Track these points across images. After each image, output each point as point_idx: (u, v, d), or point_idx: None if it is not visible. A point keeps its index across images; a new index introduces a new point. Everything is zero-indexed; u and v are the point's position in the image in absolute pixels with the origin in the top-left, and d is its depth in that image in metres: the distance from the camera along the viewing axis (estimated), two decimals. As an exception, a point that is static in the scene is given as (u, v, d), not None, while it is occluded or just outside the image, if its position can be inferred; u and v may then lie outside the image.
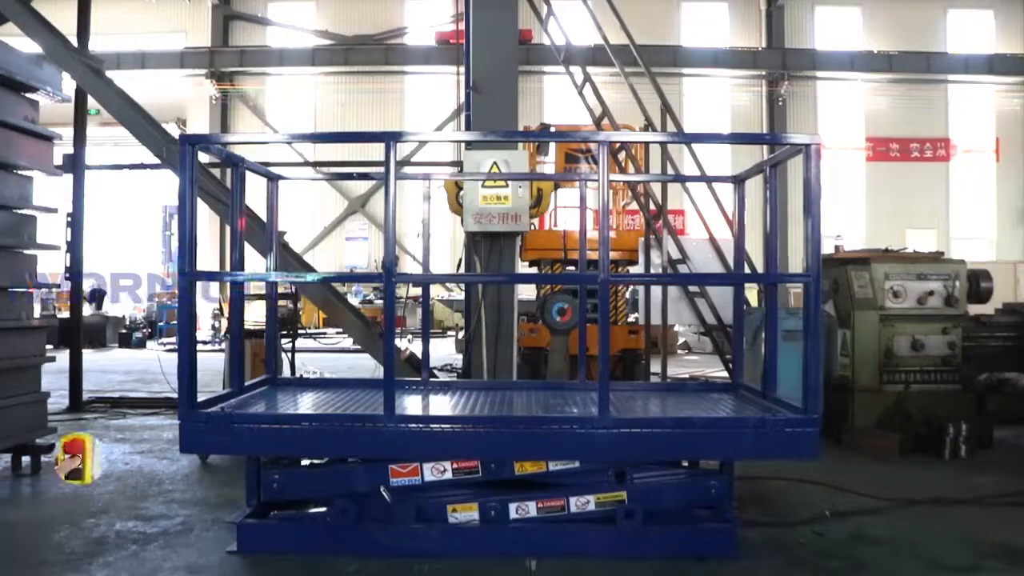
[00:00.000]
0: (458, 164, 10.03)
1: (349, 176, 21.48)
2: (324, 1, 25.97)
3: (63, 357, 8.74)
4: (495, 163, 6.86)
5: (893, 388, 7.42)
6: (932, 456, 6.75)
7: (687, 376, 10.55)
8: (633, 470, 4.17)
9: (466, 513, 4.12)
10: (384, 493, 4.08)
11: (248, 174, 4.89)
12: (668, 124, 8.51)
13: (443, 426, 4.06)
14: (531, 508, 4.11)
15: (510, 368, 7.20)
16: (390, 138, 3.97)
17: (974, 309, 8.17)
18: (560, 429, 4.01)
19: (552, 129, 10.89)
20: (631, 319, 10.95)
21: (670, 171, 8.63)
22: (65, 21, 8.28)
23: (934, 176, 25.94)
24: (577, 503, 4.11)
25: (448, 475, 4.12)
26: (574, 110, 9.85)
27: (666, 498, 4.28)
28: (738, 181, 5.18)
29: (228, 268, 5.23)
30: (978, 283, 7.91)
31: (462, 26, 8.85)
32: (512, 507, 4.12)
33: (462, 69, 8.40)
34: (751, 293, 11.08)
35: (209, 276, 5.73)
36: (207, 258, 20.66)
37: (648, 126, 8.57)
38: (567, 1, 9.30)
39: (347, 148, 21.05)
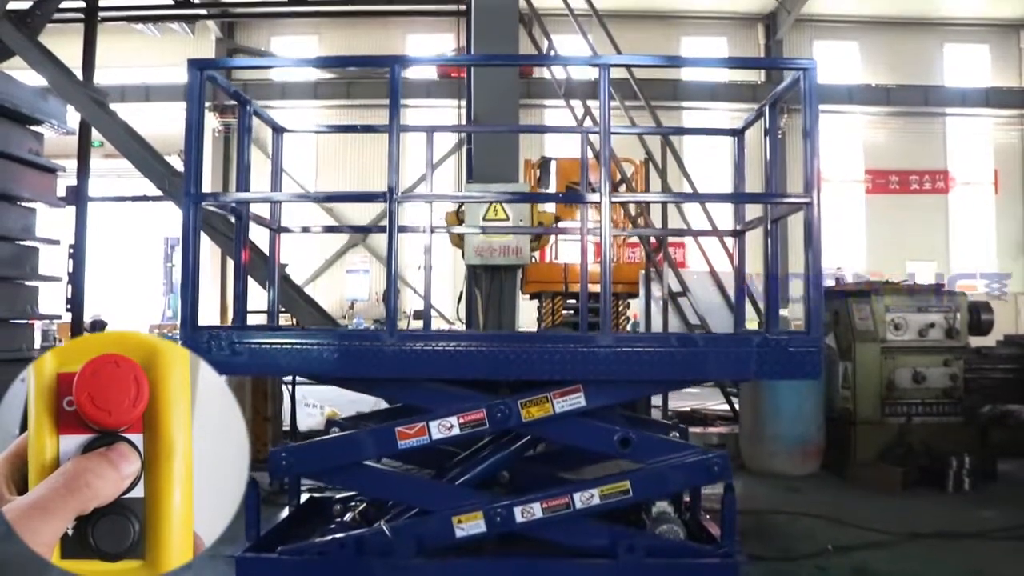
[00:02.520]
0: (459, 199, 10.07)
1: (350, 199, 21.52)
2: (326, 36, 26.23)
3: (63, 389, 8.70)
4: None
5: (895, 420, 7.39)
6: (936, 489, 6.71)
7: (688, 409, 10.52)
8: (635, 449, 4.10)
9: (472, 523, 4.05)
10: (384, 527, 4.05)
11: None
12: (668, 158, 8.57)
13: (445, 344, 4.02)
14: (536, 510, 4.03)
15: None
16: (394, 62, 4.02)
17: (975, 341, 8.17)
18: (563, 347, 3.97)
19: (552, 162, 10.96)
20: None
21: (672, 213, 8.66)
22: (71, 54, 8.37)
23: (933, 208, 26.02)
24: (582, 498, 4.01)
25: (455, 431, 4.03)
26: (574, 143, 9.92)
27: (670, 482, 4.17)
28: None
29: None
30: (979, 315, 7.90)
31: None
32: (517, 511, 4.04)
33: (463, 103, 8.48)
34: (752, 326, 11.07)
35: (215, 197, 5.68)
36: (209, 294, 20.62)
37: (648, 160, 8.63)
38: (568, 35, 9.41)
39: (347, 179, 21.15)
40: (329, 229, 6.77)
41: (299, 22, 26.61)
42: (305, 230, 5.85)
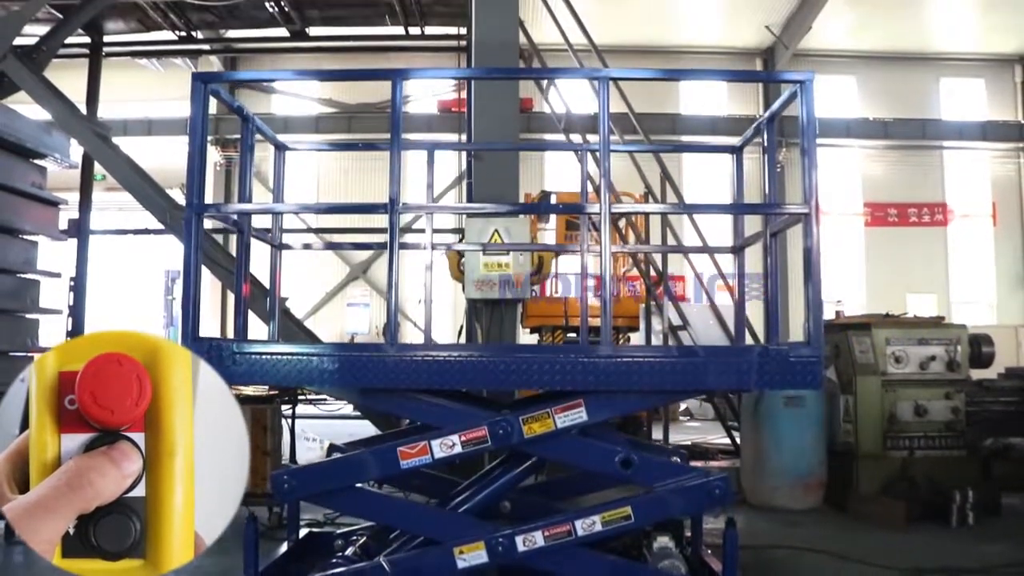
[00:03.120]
0: (460, 232, 10.12)
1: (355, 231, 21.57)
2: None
3: (61, 422, 8.68)
4: (496, 231, 6.92)
5: (897, 454, 7.36)
6: (939, 523, 6.66)
7: (689, 443, 10.46)
8: (636, 471, 4.06)
9: (474, 553, 4.01)
10: (384, 564, 4.02)
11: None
12: (668, 192, 8.61)
13: (446, 355, 4.01)
14: (538, 538, 3.98)
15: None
16: (396, 75, 4.07)
17: (976, 374, 8.15)
18: (563, 357, 3.95)
19: (553, 196, 11.02)
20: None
21: (671, 239, 8.69)
22: (75, 88, 8.45)
23: (933, 241, 26.07)
24: (583, 525, 3.97)
25: (457, 449, 4.00)
26: (574, 177, 9.98)
27: (672, 506, 4.12)
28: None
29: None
30: (979, 348, 7.90)
31: (464, 95, 9.02)
32: (519, 539, 3.99)
33: (463, 137, 8.54)
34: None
35: (217, 208, 5.69)
36: (209, 324, 20.58)
37: (648, 194, 8.68)
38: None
39: (349, 216, 21.17)
40: (330, 246, 6.86)
41: (300, 57, 26.82)
42: (306, 247, 5.88)
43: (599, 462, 4.12)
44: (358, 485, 4.23)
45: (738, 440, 8.55)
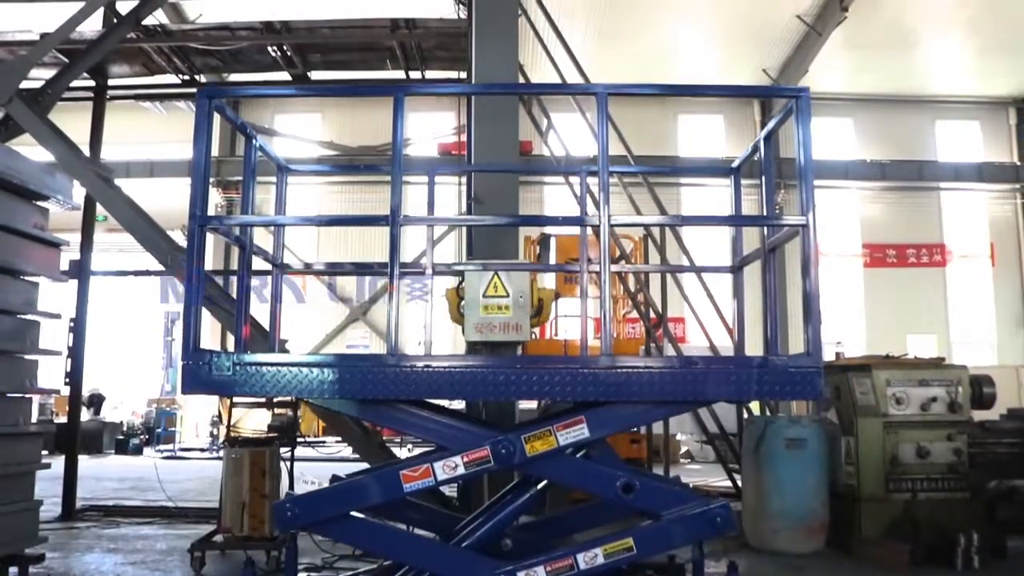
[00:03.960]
0: (459, 274, 10.16)
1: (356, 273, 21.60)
2: (329, 113, 26.75)
3: (58, 463, 8.65)
4: (496, 273, 6.93)
5: (900, 496, 7.30)
6: (944, 567, 6.59)
7: (690, 485, 10.37)
8: (638, 496, 4.03)
9: None
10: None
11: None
12: (668, 236, 8.65)
13: (445, 365, 4.00)
14: (540, 573, 3.92)
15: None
16: (399, 91, 4.19)
17: (978, 415, 8.11)
18: (563, 368, 3.96)
19: (552, 240, 11.06)
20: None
21: (671, 286, 8.71)
22: (79, 130, 8.52)
23: (932, 281, 26.13)
24: (585, 559, 3.92)
25: (460, 470, 4.00)
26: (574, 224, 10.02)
27: (674, 536, 4.09)
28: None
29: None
30: (981, 389, 7.87)
31: (464, 138, 9.10)
32: (521, 575, 3.96)
33: (464, 179, 8.60)
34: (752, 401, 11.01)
35: (220, 220, 5.69)
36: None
37: (647, 236, 8.71)
38: (566, 114, 9.59)
39: (348, 253, 21.26)
40: (331, 267, 6.88)
41: (302, 101, 27.22)
42: (307, 267, 5.88)
43: (601, 486, 4.11)
44: (361, 516, 4.20)
45: (739, 482, 8.49)
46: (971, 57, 24.00)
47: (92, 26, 8.64)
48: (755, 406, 10.85)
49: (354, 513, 4.15)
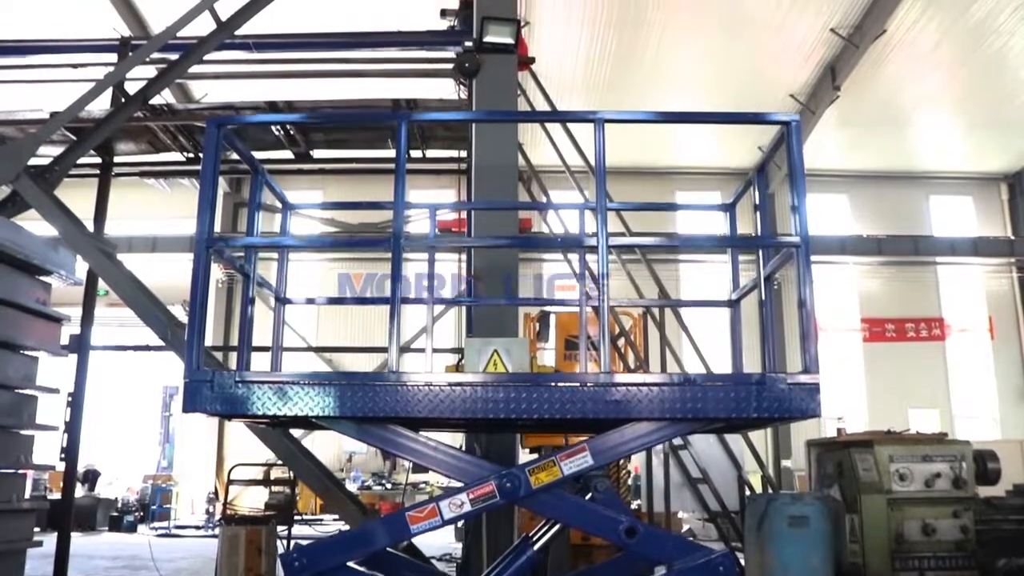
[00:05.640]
0: (459, 351, 10.16)
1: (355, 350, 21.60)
2: (331, 191, 27.07)
3: (50, 540, 8.50)
4: (495, 351, 6.95)
5: (907, 575, 7.16)
6: (955, 650, 6.44)
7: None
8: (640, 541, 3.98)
9: None
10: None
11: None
12: (667, 314, 8.68)
13: (446, 382, 3.98)
14: None
15: (511, 554, 7.00)
16: (402, 118, 4.27)
17: (983, 491, 8.02)
18: (564, 386, 3.95)
19: (551, 316, 11.06)
20: (633, 505, 10.73)
21: (669, 358, 8.71)
22: (83, 205, 8.62)
23: (932, 355, 26.07)
24: None
25: (466, 507, 3.97)
26: (573, 297, 10.06)
27: None
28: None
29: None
30: (985, 464, 7.80)
31: (464, 215, 9.20)
32: None
33: (464, 257, 8.67)
34: (754, 478, 10.93)
35: (225, 242, 5.72)
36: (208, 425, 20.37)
37: (647, 313, 8.74)
38: (565, 191, 9.73)
39: (348, 332, 21.24)
40: (333, 301, 6.94)
41: (304, 178, 27.48)
42: (310, 302, 5.90)
43: (604, 528, 4.11)
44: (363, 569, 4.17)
45: (742, 562, 8.34)
46: (962, 134, 24.45)
47: (100, 105, 8.82)
48: (756, 483, 10.72)
49: (360, 568, 4.12)
